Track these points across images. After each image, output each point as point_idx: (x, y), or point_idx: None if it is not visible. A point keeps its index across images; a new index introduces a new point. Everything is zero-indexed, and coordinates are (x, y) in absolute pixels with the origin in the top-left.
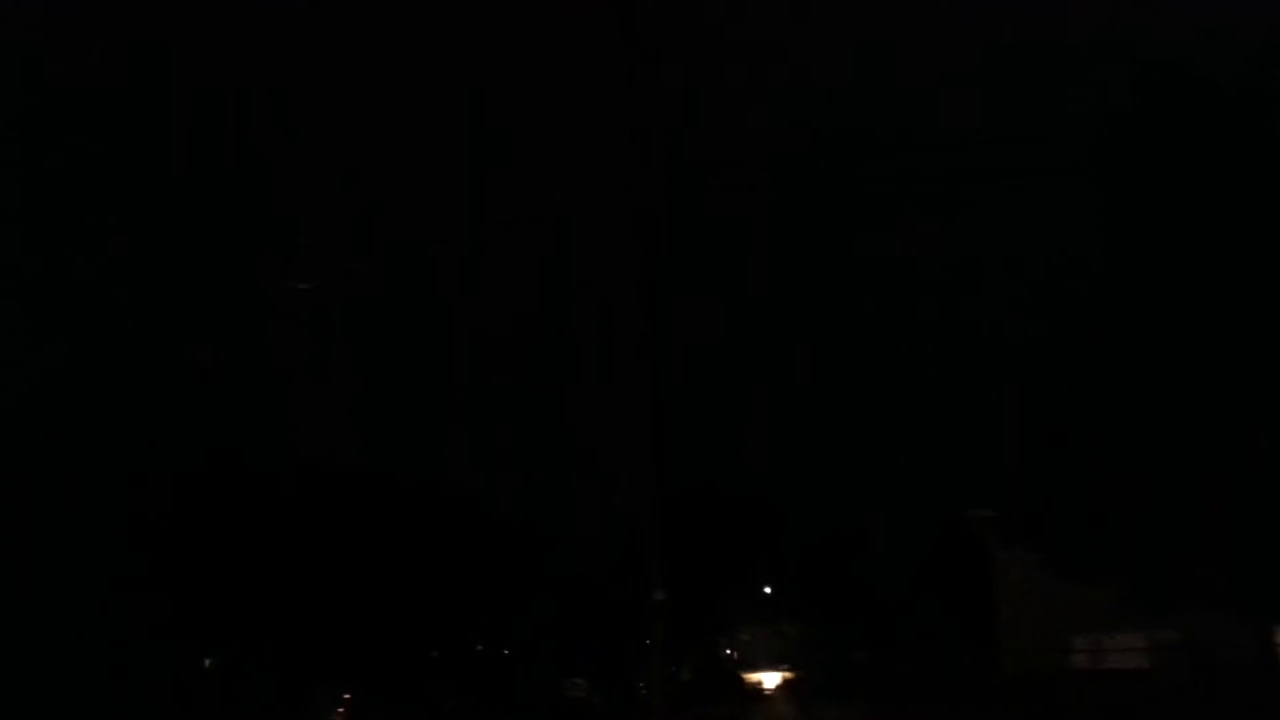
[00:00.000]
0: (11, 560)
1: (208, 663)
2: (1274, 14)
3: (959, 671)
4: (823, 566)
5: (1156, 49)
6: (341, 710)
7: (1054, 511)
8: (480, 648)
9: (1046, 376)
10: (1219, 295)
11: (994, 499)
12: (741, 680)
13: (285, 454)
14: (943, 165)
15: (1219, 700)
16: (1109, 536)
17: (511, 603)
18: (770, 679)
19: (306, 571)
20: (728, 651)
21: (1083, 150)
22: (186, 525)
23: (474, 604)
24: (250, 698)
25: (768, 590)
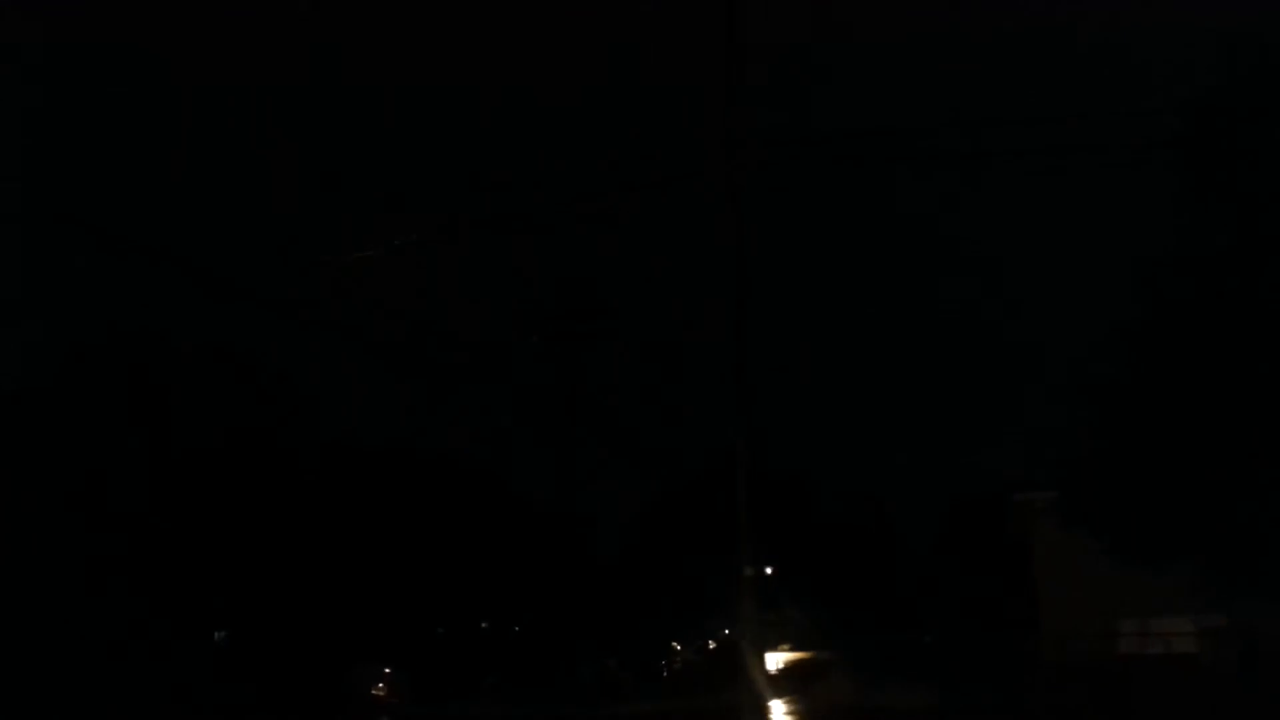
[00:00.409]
0: (18, 533)
1: (217, 636)
2: None
3: (1003, 654)
4: (846, 548)
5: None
6: (381, 686)
7: (1127, 496)
8: (484, 624)
9: (1115, 361)
10: None
11: (1055, 482)
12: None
13: (306, 432)
14: (1009, 142)
15: (1266, 686)
16: (1183, 522)
17: (534, 582)
18: (771, 660)
19: (323, 548)
20: (725, 632)
21: (1162, 131)
22: (197, 503)
23: (492, 582)
24: (270, 674)
25: (769, 570)
